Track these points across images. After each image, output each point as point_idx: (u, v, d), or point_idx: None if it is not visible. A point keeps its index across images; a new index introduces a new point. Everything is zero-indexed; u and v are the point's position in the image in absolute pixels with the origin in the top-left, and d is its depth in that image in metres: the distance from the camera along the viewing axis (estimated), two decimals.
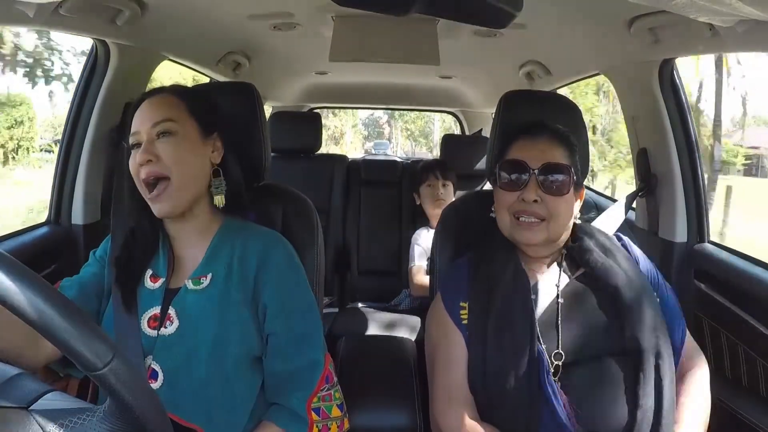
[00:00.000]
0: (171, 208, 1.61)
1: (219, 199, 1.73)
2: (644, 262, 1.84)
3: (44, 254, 2.41)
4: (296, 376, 1.64)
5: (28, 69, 17.50)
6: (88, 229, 2.59)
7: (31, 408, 0.82)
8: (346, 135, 42.11)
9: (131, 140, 1.66)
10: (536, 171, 1.71)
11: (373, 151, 29.62)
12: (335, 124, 39.97)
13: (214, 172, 1.74)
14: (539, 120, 1.85)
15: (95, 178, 2.60)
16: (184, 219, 1.70)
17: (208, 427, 1.53)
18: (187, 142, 1.65)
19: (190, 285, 1.63)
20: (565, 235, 1.80)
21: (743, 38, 1.73)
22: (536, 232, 1.72)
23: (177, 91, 1.74)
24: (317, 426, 1.63)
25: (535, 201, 1.70)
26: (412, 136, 45.48)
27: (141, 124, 1.64)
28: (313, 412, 1.63)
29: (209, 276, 1.65)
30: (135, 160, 1.61)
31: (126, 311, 1.60)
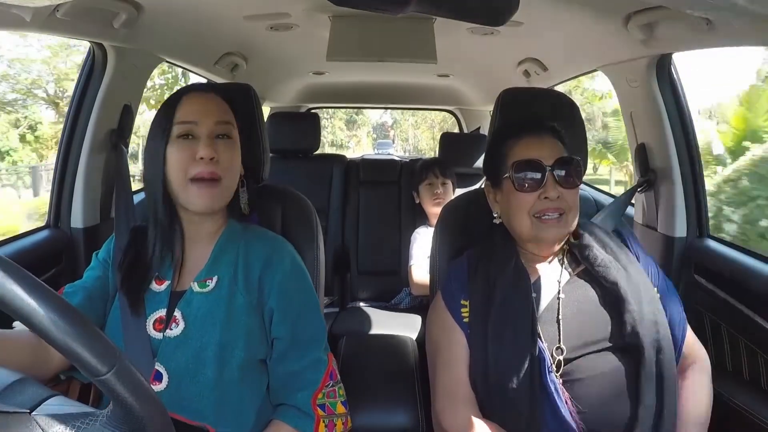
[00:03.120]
0: (215, 205, 1.63)
1: (245, 207, 1.77)
2: (644, 258, 1.85)
3: (44, 258, 2.41)
4: (301, 375, 1.64)
5: None
6: (87, 233, 2.59)
7: (33, 413, 0.82)
8: (363, 139, 49.43)
9: (182, 129, 1.60)
10: (552, 167, 1.72)
11: (377, 151, 30.58)
12: (360, 133, 48.39)
13: (242, 181, 1.76)
14: (535, 117, 1.85)
15: (94, 181, 2.60)
16: (207, 219, 1.71)
17: (216, 427, 1.52)
18: (238, 150, 1.68)
19: (196, 287, 1.63)
20: (573, 227, 1.80)
21: (740, 32, 1.74)
22: (561, 227, 1.72)
23: (227, 97, 1.74)
24: (323, 421, 1.63)
25: (558, 197, 1.71)
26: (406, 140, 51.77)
27: (201, 115, 1.61)
28: (318, 408, 1.63)
29: (215, 278, 1.65)
30: (187, 150, 1.58)
31: (133, 314, 1.60)
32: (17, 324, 1.56)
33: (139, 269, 1.67)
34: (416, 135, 47.56)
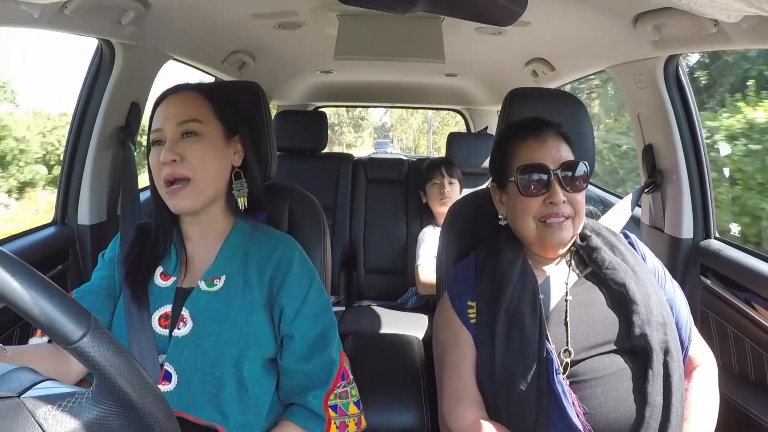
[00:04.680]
0: (188, 206, 1.62)
1: (242, 201, 1.74)
2: (651, 259, 1.84)
3: (51, 255, 2.42)
4: (312, 375, 1.63)
5: None
6: (94, 230, 2.60)
7: (22, 396, 0.81)
8: (366, 140, 53.07)
9: (153, 137, 1.64)
10: (557, 171, 1.71)
11: (376, 149, 31.64)
12: (364, 135, 53.13)
13: (235, 174, 1.74)
14: (540, 118, 1.84)
15: (101, 178, 2.61)
16: (200, 218, 1.70)
17: (225, 427, 1.53)
18: (212, 144, 1.65)
19: (203, 286, 1.63)
20: (578, 231, 1.79)
21: (748, 34, 1.73)
22: (566, 230, 1.72)
23: (204, 90, 1.73)
24: (335, 423, 1.63)
25: (563, 201, 1.70)
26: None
27: (165, 121, 1.63)
28: (330, 410, 1.63)
29: (223, 278, 1.65)
30: (157, 157, 1.60)
31: (137, 309, 1.60)
32: (33, 339, 1.57)
33: (144, 262, 1.68)
34: (407, 136, 52.14)
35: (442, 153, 4.37)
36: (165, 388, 1.53)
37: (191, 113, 1.64)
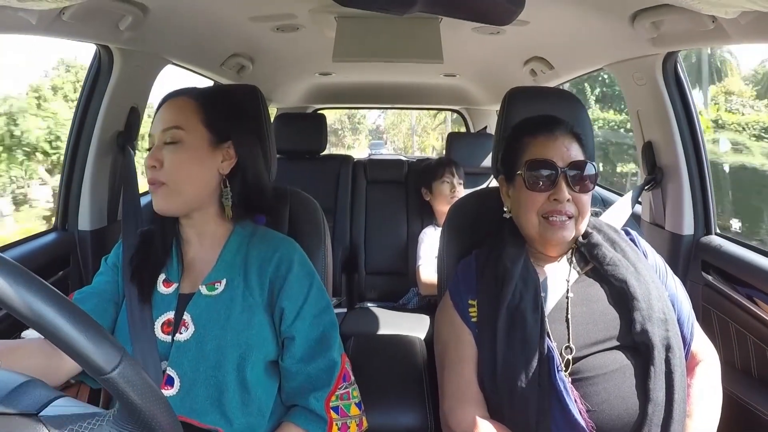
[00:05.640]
0: (166, 207, 1.63)
1: (229, 210, 1.72)
2: (652, 256, 1.84)
3: (52, 261, 2.42)
4: (314, 377, 1.63)
5: None
6: (95, 235, 2.60)
7: (40, 414, 0.81)
8: (362, 141, 55.77)
9: (148, 141, 1.67)
10: (565, 170, 1.71)
11: (371, 150, 32.35)
12: (360, 137, 56.16)
13: (223, 182, 1.72)
14: (550, 116, 1.84)
15: (101, 183, 2.61)
16: (194, 221, 1.71)
17: (229, 430, 1.53)
18: (192, 151, 1.64)
19: (204, 290, 1.63)
20: (581, 232, 1.79)
21: (746, 30, 1.73)
22: (568, 230, 1.72)
23: (196, 95, 1.72)
24: (336, 424, 1.63)
25: (568, 200, 1.70)
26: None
27: (155, 127, 1.65)
28: (331, 411, 1.63)
29: (224, 281, 1.65)
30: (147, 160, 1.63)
31: (140, 315, 1.60)
32: (26, 333, 1.57)
33: (148, 268, 1.68)
34: (398, 138, 54.77)
35: (426, 153, 4.40)
36: (168, 392, 1.53)
37: (174, 120, 1.64)
